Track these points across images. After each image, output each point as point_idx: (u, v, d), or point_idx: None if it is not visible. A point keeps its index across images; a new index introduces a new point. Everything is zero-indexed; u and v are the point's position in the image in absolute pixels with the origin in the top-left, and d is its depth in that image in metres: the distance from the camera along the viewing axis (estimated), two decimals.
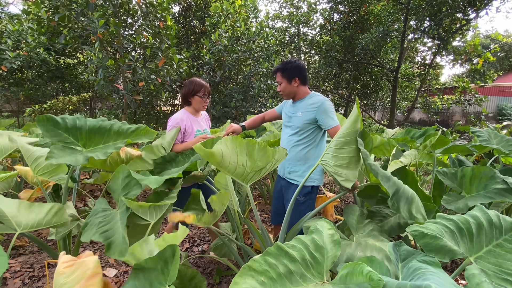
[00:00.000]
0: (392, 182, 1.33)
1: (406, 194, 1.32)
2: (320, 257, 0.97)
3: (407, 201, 1.31)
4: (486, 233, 1.11)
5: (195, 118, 2.16)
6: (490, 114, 14.56)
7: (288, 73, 1.86)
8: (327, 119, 1.78)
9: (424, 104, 9.51)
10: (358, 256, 1.21)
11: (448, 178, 2.05)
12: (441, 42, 7.20)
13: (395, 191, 1.31)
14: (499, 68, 20.27)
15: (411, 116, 13.57)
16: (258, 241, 1.69)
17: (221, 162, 1.33)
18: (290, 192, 1.90)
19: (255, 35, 5.79)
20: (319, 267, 0.95)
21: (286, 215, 1.60)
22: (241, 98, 5.48)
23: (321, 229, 1.07)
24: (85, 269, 1.01)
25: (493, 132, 2.65)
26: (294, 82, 1.87)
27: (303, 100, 1.90)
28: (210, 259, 2.30)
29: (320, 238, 1.02)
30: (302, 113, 1.85)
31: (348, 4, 8.18)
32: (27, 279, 2.02)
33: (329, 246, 1.00)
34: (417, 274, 0.89)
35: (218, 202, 1.48)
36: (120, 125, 1.78)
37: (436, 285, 0.73)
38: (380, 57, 8.89)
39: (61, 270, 1.01)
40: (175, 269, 0.97)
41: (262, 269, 0.89)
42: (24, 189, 2.42)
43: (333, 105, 1.85)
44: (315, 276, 0.93)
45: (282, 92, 1.92)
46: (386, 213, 1.73)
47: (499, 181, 1.79)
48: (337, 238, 1.02)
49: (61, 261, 1.05)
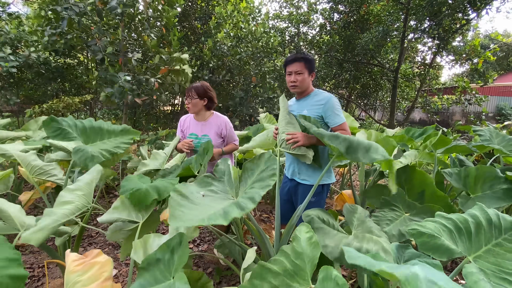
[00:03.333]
0: (341, 138, 1.39)
1: (362, 144, 1.38)
2: (302, 263, 0.97)
3: (365, 150, 1.36)
4: (485, 232, 1.11)
5: (196, 122, 2.18)
6: (490, 114, 14.55)
7: (310, 65, 1.76)
8: (334, 116, 1.72)
9: (424, 104, 9.51)
10: (354, 246, 1.20)
11: (453, 178, 2.06)
12: (441, 42, 7.20)
13: (348, 145, 1.37)
14: (499, 68, 20.25)
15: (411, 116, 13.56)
16: (257, 241, 1.69)
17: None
18: (300, 192, 1.85)
19: (260, 36, 5.81)
20: (303, 274, 0.95)
21: (295, 215, 1.59)
22: (243, 97, 5.49)
23: (299, 235, 1.06)
24: (101, 270, 1.02)
25: (495, 131, 2.64)
26: (311, 76, 1.80)
27: (309, 97, 1.82)
28: (210, 259, 2.30)
29: (299, 244, 1.02)
30: (308, 111, 1.78)
31: (348, 4, 8.18)
32: (27, 279, 2.02)
33: (308, 249, 1.00)
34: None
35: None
36: (109, 125, 2.11)
37: (422, 272, 0.69)
38: (380, 57, 8.88)
39: (73, 268, 1.01)
40: (182, 256, 0.97)
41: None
42: (24, 191, 2.42)
43: (339, 102, 1.78)
44: (300, 283, 0.93)
45: (299, 84, 1.76)
46: (392, 216, 1.71)
47: (503, 181, 1.81)
48: (315, 240, 1.02)
49: (70, 259, 1.05)
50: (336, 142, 1.40)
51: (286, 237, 1.62)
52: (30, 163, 1.81)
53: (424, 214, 1.67)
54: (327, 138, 1.43)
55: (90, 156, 1.59)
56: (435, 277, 0.68)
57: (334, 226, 1.39)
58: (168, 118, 8.62)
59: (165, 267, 1.02)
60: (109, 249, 2.45)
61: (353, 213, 1.54)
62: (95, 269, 1.02)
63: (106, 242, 2.55)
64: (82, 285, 0.98)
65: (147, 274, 1.05)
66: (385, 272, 0.71)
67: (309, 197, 1.54)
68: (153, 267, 1.05)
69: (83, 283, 0.98)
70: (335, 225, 1.40)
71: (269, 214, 3.29)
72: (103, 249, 2.45)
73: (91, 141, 2.01)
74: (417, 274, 0.65)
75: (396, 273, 0.67)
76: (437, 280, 0.65)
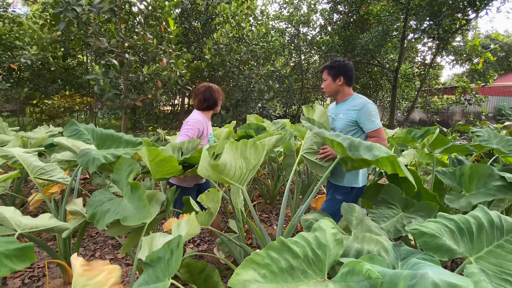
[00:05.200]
0: (343, 137, 1.42)
1: (364, 144, 1.39)
2: (322, 255, 0.97)
3: (367, 148, 1.38)
4: (487, 234, 1.11)
5: (209, 122, 2.22)
6: (490, 114, 14.55)
7: (334, 71, 1.88)
8: (368, 121, 1.77)
9: (424, 104, 9.52)
10: (355, 248, 1.21)
11: (447, 177, 2.06)
12: (441, 42, 7.20)
13: (350, 142, 1.39)
14: (499, 68, 20.26)
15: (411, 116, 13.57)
16: (258, 240, 1.69)
17: (223, 170, 1.33)
18: (330, 192, 2.01)
19: (260, 37, 5.81)
20: (321, 265, 0.95)
21: (296, 215, 1.64)
22: (241, 98, 5.48)
23: (324, 228, 1.07)
24: (109, 276, 1.05)
25: (493, 132, 2.65)
26: (338, 81, 1.88)
27: (346, 101, 1.91)
28: (211, 258, 2.30)
29: (323, 236, 1.03)
30: (344, 115, 1.87)
31: (348, 4, 8.18)
32: (27, 279, 2.02)
33: (331, 244, 1.00)
34: (415, 267, 0.90)
35: (209, 200, 1.48)
36: (130, 137, 2.14)
37: (432, 272, 0.72)
38: (380, 57, 8.89)
39: (82, 272, 1.04)
40: (177, 261, 0.98)
41: (264, 263, 0.89)
42: (23, 192, 2.42)
43: (376, 107, 1.85)
44: (316, 273, 0.93)
45: (325, 89, 1.94)
46: (389, 214, 1.72)
47: (497, 178, 1.80)
48: (340, 237, 1.02)
49: (78, 263, 1.08)
50: (338, 139, 1.40)
51: (287, 236, 1.63)
52: (31, 164, 1.81)
53: (420, 212, 1.68)
54: (329, 135, 1.43)
55: (92, 159, 1.61)
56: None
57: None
58: (168, 118, 8.63)
59: (165, 267, 1.03)
60: (109, 249, 2.45)
61: (352, 212, 1.55)
62: (103, 275, 1.05)
63: (106, 241, 2.55)
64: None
65: (150, 269, 1.07)
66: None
67: (332, 193, 1.72)
68: (156, 264, 1.07)
69: (91, 287, 1.00)
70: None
71: (269, 214, 3.29)
72: (103, 248, 2.45)
73: (106, 147, 2.03)
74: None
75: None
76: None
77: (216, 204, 1.51)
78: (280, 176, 3.45)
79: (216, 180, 1.39)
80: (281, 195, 3.85)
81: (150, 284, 1.02)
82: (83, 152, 1.67)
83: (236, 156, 1.34)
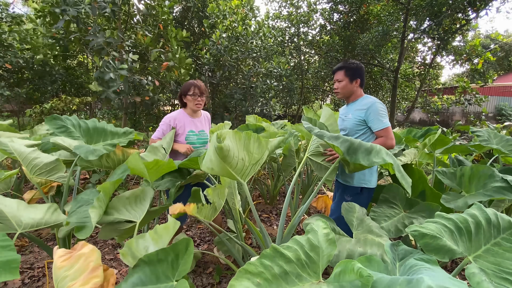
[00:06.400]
0: (342, 139, 1.41)
1: (364, 146, 1.38)
2: (316, 256, 0.97)
3: (366, 152, 1.36)
4: (484, 232, 1.11)
5: (191, 119, 2.17)
6: (490, 114, 14.54)
7: (352, 72, 1.88)
8: (376, 120, 1.76)
9: (424, 104, 9.51)
10: (358, 252, 1.21)
11: (447, 178, 2.06)
12: (441, 42, 7.20)
13: (348, 145, 1.38)
14: (499, 68, 20.24)
15: (411, 116, 13.56)
16: (258, 240, 1.69)
17: (227, 156, 1.33)
18: (339, 192, 1.98)
19: (254, 34, 5.80)
20: (315, 267, 0.95)
21: (297, 215, 1.65)
22: (241, 98, 5.48)
23: (316, 229, 1.07)
24: (87, 261, 1.00)
25: (493, 132, 2.65)
26: (355, 82, 1.89)
27: (356, 102, 1.92)
28: (211, 258, 2.30)
29: (315, 237, 1.03)
30: (353, 115, 1.87)
31: (348, 4, 8.17)
32: (27, 279, 2.02)
33: (324, 245, 1.00)
34: (412, 270, 0.90)
35: (215, 195, 1.49)
36: (112, 127, 2.17)
37: (428, 277, 0.73)
38: (380, 57, 8.88)
39: (59, 264, 1.00)
40: (186, 263, 0.97)
41: (257, 271, 0.90)
42: (24, 191, 2.42)
43: (385, 107, 1.83)
44: (311, 276, 0.93)
45: (340, 90, 1.92)
46: (390, 213, 1.72)
47: (498, 179, 1.79)
48: (332, 237, 1.02)
49: (57, 255, 1.03)
50: (336, 142, 1.40)
51: (288, 236, 1.63)
52: (30, 162, 1.80)
53: (422, 212, 1.68)
54: (327, 138, 1.43)
55: (92, 150, 1.64)
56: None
57: (335, 230, 1.39)
58: None
59: (168, 268, 1.02)
60: (109, 249, 2.45)
61: (352, 213, 1.55)
62: (81, 261, 1.00)
63: (106, 241, 2.55)
64: (71, 279, 0.96)
65: (148, 268, 1.05)
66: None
67: (341, 194, 1.71)
68: (155, 265, 1.06)
69: (71, 277, 0.96)
70: (335, 229, 1.40)
71: (269, 214, 3.29)
72: (103, 249, 2.45)
73: (94, 141, 2.06)
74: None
75: None
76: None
77: (221, 200, 1.51)
78: (280, 176, 3.45)
79: (218, 172, 1.38)
80: (281, 195, 3.85)
81: (148, 285, 1.01)
82: (80, 145, 1.70)
83: (239, 147, 1.34)
